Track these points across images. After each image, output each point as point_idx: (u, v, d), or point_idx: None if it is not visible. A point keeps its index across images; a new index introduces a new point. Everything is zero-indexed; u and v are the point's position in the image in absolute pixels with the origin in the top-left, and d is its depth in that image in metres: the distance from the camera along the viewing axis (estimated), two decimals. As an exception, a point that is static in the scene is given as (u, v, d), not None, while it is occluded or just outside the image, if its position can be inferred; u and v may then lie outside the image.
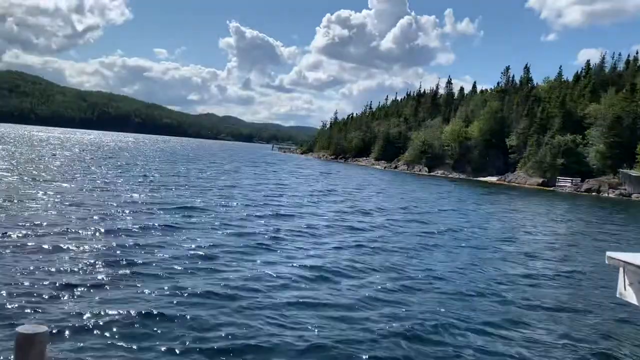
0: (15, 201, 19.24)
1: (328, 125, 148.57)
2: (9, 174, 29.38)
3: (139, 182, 31.46)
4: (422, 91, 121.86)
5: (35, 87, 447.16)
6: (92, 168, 39.75)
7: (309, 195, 33.03)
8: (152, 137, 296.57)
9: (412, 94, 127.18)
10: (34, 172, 32.50)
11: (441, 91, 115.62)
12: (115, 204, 20.54)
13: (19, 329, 3.11)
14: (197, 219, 18.84)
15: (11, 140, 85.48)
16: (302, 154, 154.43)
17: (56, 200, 20.55)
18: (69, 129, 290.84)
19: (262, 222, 19.87)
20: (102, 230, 15.01)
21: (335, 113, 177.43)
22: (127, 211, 18.91)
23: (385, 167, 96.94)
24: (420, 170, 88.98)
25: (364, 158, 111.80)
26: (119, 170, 39.25)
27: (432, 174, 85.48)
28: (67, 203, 19.90)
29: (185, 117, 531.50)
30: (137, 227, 16.06)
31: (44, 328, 3.16)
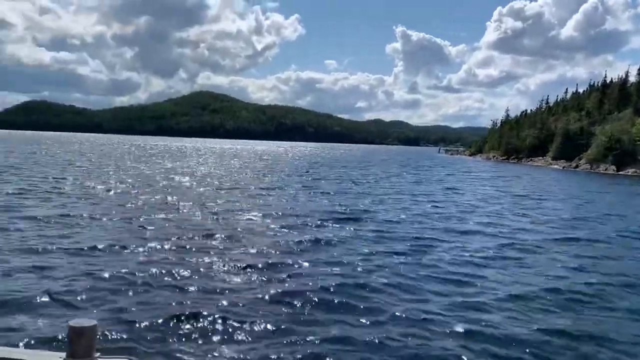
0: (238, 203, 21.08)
1: (499, 124, 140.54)
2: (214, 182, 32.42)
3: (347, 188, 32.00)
4: (607, 81, 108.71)
5: (223, 104, 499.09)
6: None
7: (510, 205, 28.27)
8: (324, 144, 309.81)
9: (595, 84, 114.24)
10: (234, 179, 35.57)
11: (632, 79, 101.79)
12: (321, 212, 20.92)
13: (71, 322, 3.22)
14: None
15: (214, 153, 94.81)
16: (470, 155, 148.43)
17: (261, 208, 21.92)
18: (251, 141, 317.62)
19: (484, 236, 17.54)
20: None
21: (507, 110, 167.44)
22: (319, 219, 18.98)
23: (564, 167, 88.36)
24: (606, 169, 79.33)
25: (540, 158, 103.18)
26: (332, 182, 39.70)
27: (620, 172, 75.61)
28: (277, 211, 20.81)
29: (353, 124, 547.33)
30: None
31: (93, 322, 3.25)
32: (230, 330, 7.96)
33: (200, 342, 7.51)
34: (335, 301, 9.43)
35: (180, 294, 9.53)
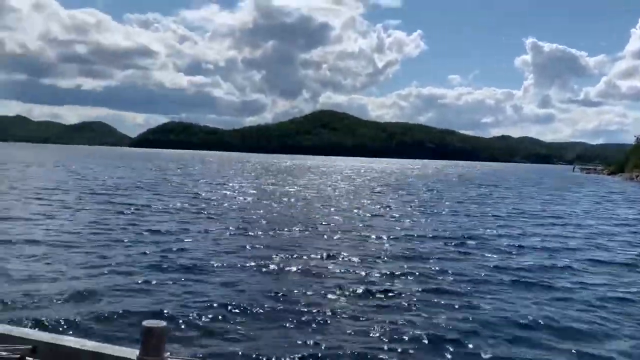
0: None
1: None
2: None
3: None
4: None
5: (342, 122, 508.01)
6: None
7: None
8: (444, 162, 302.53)
9: None
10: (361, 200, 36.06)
11: None
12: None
13: (144, 322, 3.21)
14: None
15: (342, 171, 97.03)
16: (609, 174, 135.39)
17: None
18: (370, 159, 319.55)
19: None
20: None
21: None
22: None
23: None
24: None
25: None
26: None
27: None
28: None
29: (478, 141, 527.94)
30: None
31: (163, 323, 3.22)
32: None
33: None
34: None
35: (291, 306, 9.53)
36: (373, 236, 17.52)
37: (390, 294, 10.48)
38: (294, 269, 12.21)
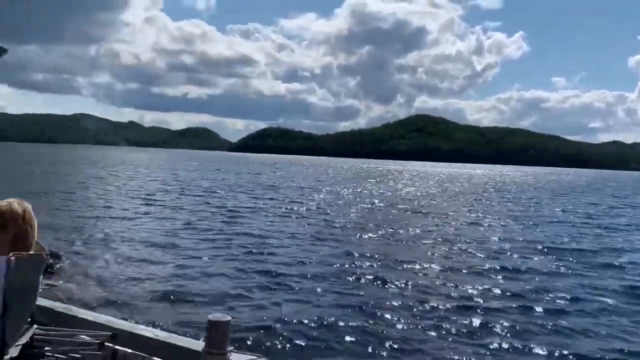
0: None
1: None
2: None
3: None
4: None
5: (438, 127, 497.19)
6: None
7: None
8: (548, 169, 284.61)
9: None
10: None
11: None
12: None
13: (209, 316, 3.34)
14: None
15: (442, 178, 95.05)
16: None
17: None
18: (467, 164, 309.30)
19: None
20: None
21: None
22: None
23: None
24: None
25: None
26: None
27: None
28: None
29: (585, 147, 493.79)
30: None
31: (227, 318, 3.33)
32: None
33: None
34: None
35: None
36: (468, 247, 16.66)
37: (482, 312, 9.63)
38: (378, 277, 11.85)
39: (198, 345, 3.39)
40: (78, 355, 3.64)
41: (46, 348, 3.68)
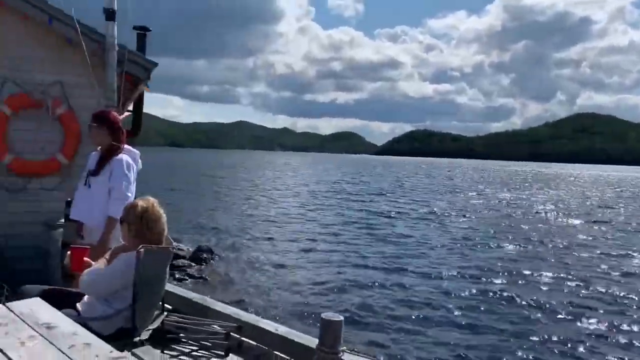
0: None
1: None
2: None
3: None
4: None
5: (607, 126, 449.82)
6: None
7: None
8: None
9: None
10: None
11: None
12: None
13: (323, 314, 3.46)
14: None
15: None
16: None
17: None
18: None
19: None
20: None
21: None
22: None
23: None
24: None
25: None
26: None
27: None
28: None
29: None
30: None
31: (340, 317, 3.42)
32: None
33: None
34: None
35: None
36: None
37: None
38: (521, 291, 10.80)
39: (314, 342, 3.49)
40: (208, 344, 3.94)
41: (181, 335, 4.05)
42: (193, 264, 11.12)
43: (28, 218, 5.18)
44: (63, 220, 4.46)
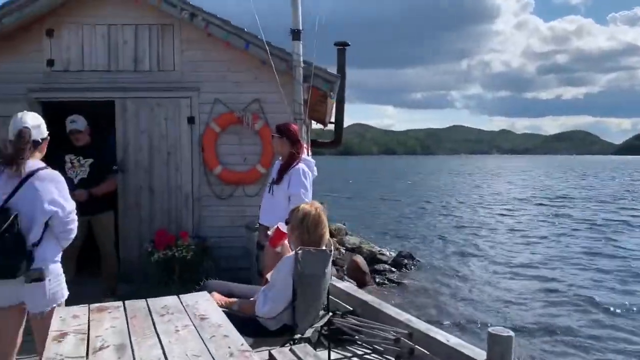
0: None
1: None
2: None
3: None
4: None
5: None
6: None
7: None
8: None
9: None
10: None
11: None
12: None
13: (490, 329, 3.35)
14: None
15: None
16: None
17: None
18: None
19: None
20: None
21: None
22: None
23: None
24: None
25: None
26: None
27: None
28: None
29: None
30: None
31: (509, 332, 3.27)
32: None
33: None
34: None
35: None
36: None
37: None
38: None
39: (481, 355, 3.28)
40: (380, 348, 3.97)
41: (356, 336, 4.14)
42: (393, 269, 11.26)
43: (235, 222, 5.88)
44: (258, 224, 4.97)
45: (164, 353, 1.88)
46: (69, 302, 2.79)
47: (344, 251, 11.57)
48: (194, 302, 2.51)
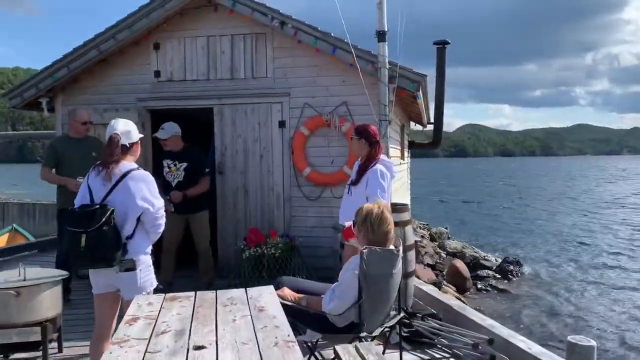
0: None
1: None
2: None
3: None
4: None
5: None
6: None
7: None
8: None
9: None
10: None
11: None
12: None
13: (569, 337, 3.24)
14: None
15: None
16: None
17: None
18: None
19: None
20: None
21: None
22: None
23: None
24: None
25: None
26: None
27: None
28: None
29: None
30: None
31: (590, 342, 3.13)
32: None
33: None
34: None
35: None
36: None
37: None
38: None
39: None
40: (459, 353, 3.86)
41: (435, 340, 4.06)
42: (498, 276, 10.78)
43: (324, 222, 6.00)
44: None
45: (216, 339, 2.01)
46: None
47: (444, 255, 11.29)
48: (257, 295, 2.64)
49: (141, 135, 3.24)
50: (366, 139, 4.16)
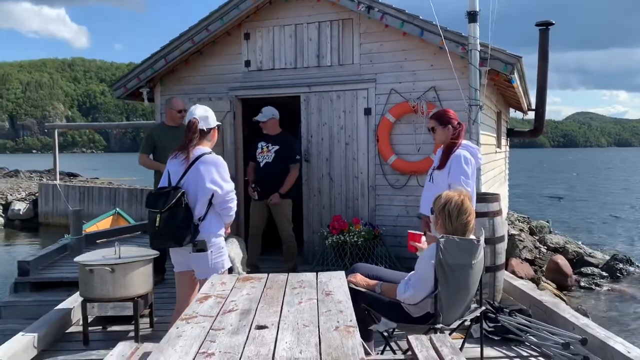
0: None
1: None
2: None
3: None
4: None
5: None
6: None
7: None
8: None
9: None
10: None
11: None
12: None
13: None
14: None
15: None
16: None
17: None
18: None
19: None
20: None
21: None
22: None
23: None
24: None
25: None
26: None
27: None
28: None
29: None
30: None
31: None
32: None
33: None
34: None
35: None
36: None
37: None
38: None
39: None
40: (548, 352, 3.60)
41: (522, 337, 3.82)
42: (604, 274, 9.96)
43: (410, 212, 5.86)
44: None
45: (279, 320, 2.02)
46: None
47: (544, 250, 10.64)
48: (327, 280, 2.62)
49: (218, 123, 3.32)
50: (446, 125, 3.93)
